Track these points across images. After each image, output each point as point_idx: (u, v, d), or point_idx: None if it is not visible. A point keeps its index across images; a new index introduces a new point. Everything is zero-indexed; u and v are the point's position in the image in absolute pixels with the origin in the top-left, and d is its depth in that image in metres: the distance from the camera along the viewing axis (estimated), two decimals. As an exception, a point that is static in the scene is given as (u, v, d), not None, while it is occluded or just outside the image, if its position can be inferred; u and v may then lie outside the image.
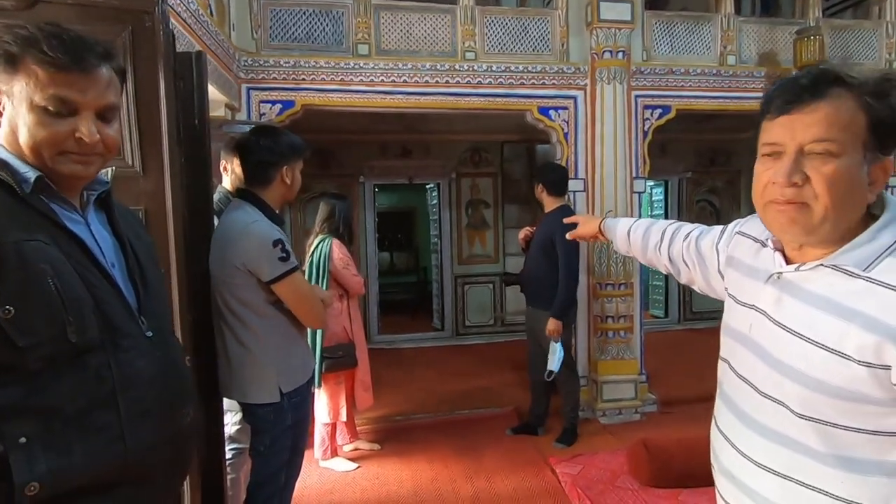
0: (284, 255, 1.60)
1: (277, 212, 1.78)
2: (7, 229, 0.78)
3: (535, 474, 2.95)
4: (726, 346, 0.95)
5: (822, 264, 0.78)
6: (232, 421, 2.13)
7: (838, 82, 0.75)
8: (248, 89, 3.40)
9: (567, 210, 3.24)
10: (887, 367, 0.70)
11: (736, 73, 3.98)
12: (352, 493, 2.81)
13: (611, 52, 3.66)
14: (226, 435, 1.98)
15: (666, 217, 6.67)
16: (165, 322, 1.05)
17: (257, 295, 1.64)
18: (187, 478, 1.54)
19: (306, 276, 2.81)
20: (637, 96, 3.81)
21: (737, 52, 4.02)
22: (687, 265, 1.17)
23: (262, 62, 3.40)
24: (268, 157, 1.72)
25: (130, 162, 1.45)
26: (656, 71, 3.84)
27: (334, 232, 2.98)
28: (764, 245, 0.90)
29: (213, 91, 2.87)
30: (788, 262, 0.84)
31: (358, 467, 3.06)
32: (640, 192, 3.86)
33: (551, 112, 3.76)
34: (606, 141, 3.72)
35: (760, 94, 3.99)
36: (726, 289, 0.99)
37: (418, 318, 6.96)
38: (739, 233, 0.99)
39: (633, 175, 3.80)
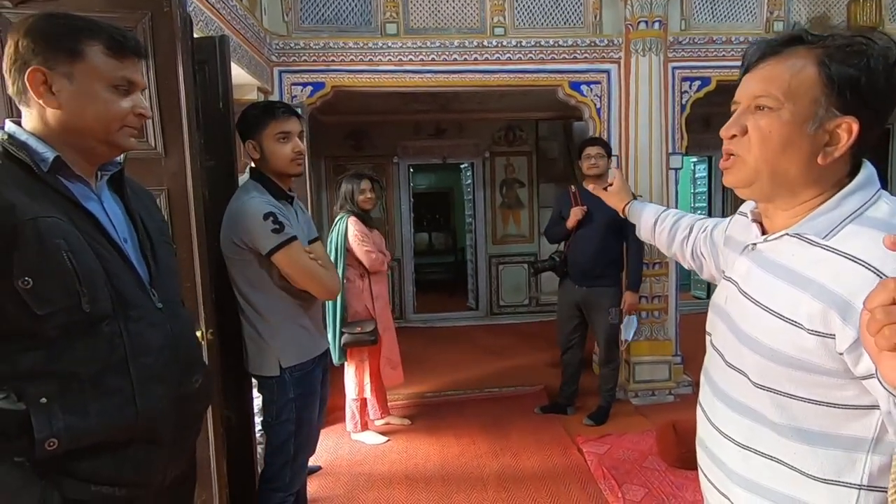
0: (277, 226, 1.60)
1: (288, 188, 1.79)
2: (25, 207, 0.84)
3: (561, 453, 2.96)
4: (709, 319, 0.96)
5: (787, 233, 0.78)
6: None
7: (798, 41, 0.75)
8: (280, 72, 3.47)
9: None
10: (833, 336, 0.69)
11: (784, 39, 3.74)
12: (380, 465, 2.89)
13: (646, 22, 3.50)
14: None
15: (709, 195, 6.41)
16: (175, 294, 1.11)
17: (259, 271, 1.67)
18: (213, 445, 1.64)
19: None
20: (674, 68, 3.64)
21: (785, 18, 3.77)
22: (704, 258, 1.14)
23: (292, 45, 3.45)
24: (239, 134, 1.77)
25: (153, 144, 1.52)
26: (695, 41, 3.65)
27: (350, 210, 3.02)
28: (750, 220, 0.89)
29: (245, 75, 2.95)
30: (764, 233, 0.84)
31: (388, 441, 3.15)
32: (676, 169, 3.72)
33: (583, 87, 3.66)
34: (641, 116, 3.59)
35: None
36: (723, 270, 0.99)
37: (455, 298, 7.02)
38: (739, 212, 0.98)
39: (670, 151, 3.66)
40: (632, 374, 3.72)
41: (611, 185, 1.56)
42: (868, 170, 0.77)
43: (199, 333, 1.54)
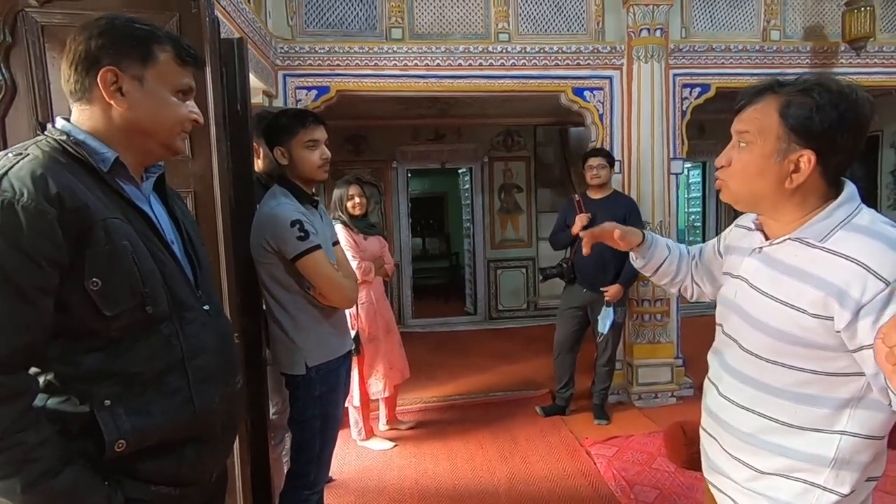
0: (303, 234, 1.65)
1: (311, 192, 1.83)
2: (95, 207, 0.84)
3: (569, 455, 2.97)
4: (719, 312, 1.14)
5: (789, 238, 0.96)
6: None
7: (772, 89, 0.94)
8: (285, 76, 3.46)
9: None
10: (831, 318, 0.87)
11: (780, 48, 3.82)
12: (389, 471, 2.88)
13: (648, 29, 3.56)
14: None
15: (703, 200, 6.51)
16: (216, 296, 1.12)
17: (286, 275, 1.71)
18: (238, 451, 1.63)
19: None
20: (675, 75, 3.71)
21: (781, 27, 3.86)
22: (699, 284, 1.32)
23: (297, 49, 3.44)
24: (266, 140, 1.80)
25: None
26: (695, 48, 3.72)
27: (338, 217, 3.00)
28: (751, 229, 1.08)
29: (252, 79, 2.94)
30: (767, 239, 1.03)
31: (395, 446, 3.14)
32: (677, 174, 3.77)
33: (586, 93, 3.70)
34: (643, 121, 3.64)
35: (806, 71, 3.85)
36: (724, 272, 1.16)
37: (451, 303, 7.02)
38: (736, 224, 1.17)
39: (671, 156, 3.71)
40: (634, 377, 3.75)
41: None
42: (850, 187, 0.95)
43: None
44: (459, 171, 6.59)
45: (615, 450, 2.99)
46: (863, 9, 3.61)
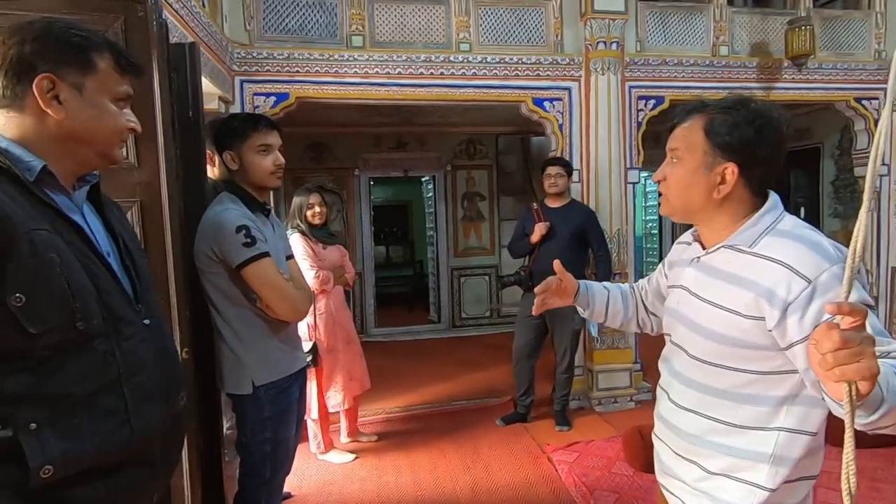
0: (249, 240, 1.55)
1: (263, 200, 1.75)
2: (19, 219, 0.78)
3: (531, 463, 2.98)
4: (666, 322, 1.20)
5: (722, 245, 1.03)
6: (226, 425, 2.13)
7: (698, 109, 1.02)
8: (242, 82, 3.38)
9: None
10: (763, 318, 0.93)
11: (729, 63, 3.99)
12: (350, 483, 2.82)
13: (605, 42, 3.66)
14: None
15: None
16: (158, 309, 1.06)
17: (231, 285, 1.61)
18: (188, 473, 1.56)
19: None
20: (631, 87, 3.82)
21: (729, 43, 4.03)
22: (655, 314, 1.32)
23: (255, 54, 3.37)
24: (215, 143, 1.72)
25: (124, 153, 1.44)
26: (650, 62, 3.84)
27: (296, 227, 2.94)
28: (689, 243, 1.15)
29: (206, 84, 2.86)
30: (704, 249, 1.08)
31: (356, 458, 3.08)
32: (634, 183, 3.88)
33: (546, 103, 3.76)
34: (601, 132, 3.72)
35: (753, 85, 4.02)
36: (668, 286, 1.21)
37: (415, 311, 6.98)
38: (677, 242, 1.24)
39: (628, 166, 3.81)
40: (595, 383, 3.81)
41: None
42: (773, 197, 1.03)
43: (174, 352, 1.46)
44: (422, 179, 6.59)
45: (576, 455, 3.02)
46: (803, 27, 3.81)
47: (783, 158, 1.02)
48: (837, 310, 0.68)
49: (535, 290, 1.29)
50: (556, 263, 1.27)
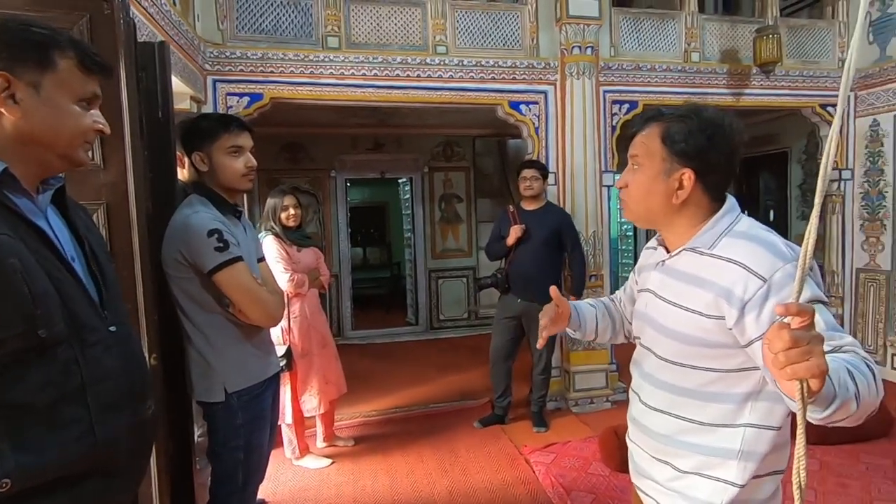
0: (221, 244, 1.51)
1: (234, 201, 1.71)
2: None
3: (509, 465, 2.99)
4: (635, 326, 1.22)
5: (684, 248, 1.07)
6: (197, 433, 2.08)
7: (655, 118, 1.06)
8: (215, 81, 3.32)
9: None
10: (723, 317, 0.97)
11: (700, 69, 4.07)
12: (326, 489, 2.79)
13: (579, 47, 3.70)
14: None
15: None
16: (125, 316, 1.03)
17: (202, 290, 1.57)
18: (157, 481, 1.52)
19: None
20: (605, 91, 3.87)
21: (700, 50, 4.11)
22: (630, 323, 1.32)
23: (228, 54, 3.32)
24: (183, 144, 1.67)
25: (90, 155, 1.40)
26: (624, 67, 3.90)
27: (270, 229, 2.90)
28: (655, 248, 1.18)
29: (177, 83, 2.80)
30: (668, 252, 1.12)
31: (332, 463, 3.05)
32: (608, 186, 3.92)
33: (522, 107, 3.79)
34: (576, 135, 3.76)
35: (723, 91, 4.12)
36: (638, 290, 1.23)
37: (392, 313, 6.95)
38: (645, 248, 1.26)
39: (603, 169, 3.86)
40: (571, 383, 3.84)
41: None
42: (730, 200, 1.07)
43: (142, 359, 1.42)
44: (400, 180, 6.56)
45: (553, 456, 3.04)
46: (771, 35, 3.92)
47: (737, 164, 1.06)
48: (786, 311, 0.70)
49: (540, 323, 1.25)
50: (553, 290, 1.25)
